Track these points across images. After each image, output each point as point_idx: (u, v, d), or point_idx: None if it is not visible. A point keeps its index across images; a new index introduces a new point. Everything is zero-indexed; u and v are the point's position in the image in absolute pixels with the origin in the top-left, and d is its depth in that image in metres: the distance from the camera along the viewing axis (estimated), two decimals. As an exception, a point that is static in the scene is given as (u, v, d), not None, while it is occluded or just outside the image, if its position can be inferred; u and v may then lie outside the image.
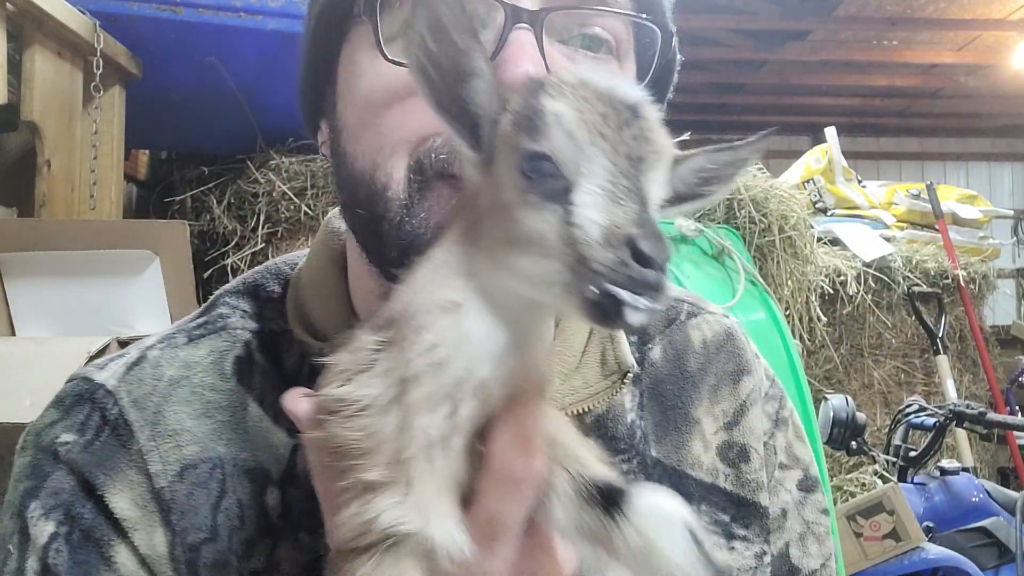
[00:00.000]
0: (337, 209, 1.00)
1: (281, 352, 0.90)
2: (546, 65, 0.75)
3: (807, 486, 1.05)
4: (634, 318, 0.56)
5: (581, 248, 0.57)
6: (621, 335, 0.96)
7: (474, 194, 0.68)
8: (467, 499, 0.65)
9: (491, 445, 0.64)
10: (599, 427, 0.94)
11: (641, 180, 0.61)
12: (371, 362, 0.64)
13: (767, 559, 0.97)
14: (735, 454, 0.99)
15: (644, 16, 0.84)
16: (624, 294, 0.55)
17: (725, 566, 0.63)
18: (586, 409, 0.91)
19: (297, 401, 0.69)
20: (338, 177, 0.87)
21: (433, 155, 0.77)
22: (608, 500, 0.65)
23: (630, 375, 0.94)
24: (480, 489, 0.64)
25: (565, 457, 0.68)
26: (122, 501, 0.82)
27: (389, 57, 0.76)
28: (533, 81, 0.65)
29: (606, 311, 0.56)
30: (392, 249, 0.77)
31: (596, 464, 0.68)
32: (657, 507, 0.64)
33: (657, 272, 0.56)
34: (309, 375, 0.87)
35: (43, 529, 0.82)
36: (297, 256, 1.02)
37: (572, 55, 0.81)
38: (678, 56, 0.93)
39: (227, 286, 1.00)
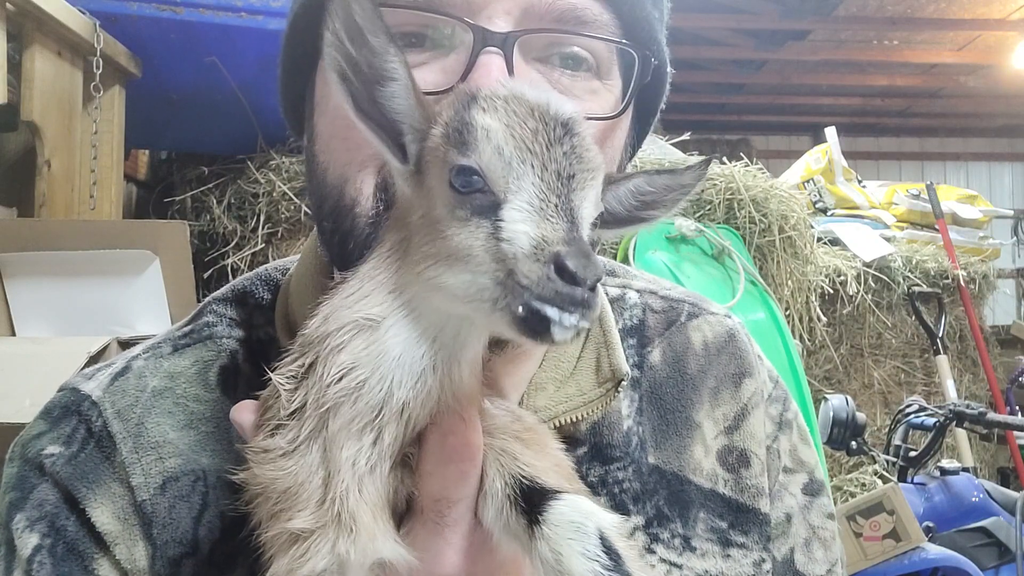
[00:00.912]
0: None
1: (269, 360, 0.90)
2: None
3: (812, 490, 1.02)
4: (560, 335, 0.55)
5: (509, 263, 0.57)
6: (616, 340, 0.94)
7: (405, 207, 0.66)
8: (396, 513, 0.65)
9: (427, 434, 0.63)
10: (594, 434, 0.92)
11: (571, 197, 0.60)
12: (288, 402, 0.63)
13: (766, 567, 0.94)
14: (735, 459, 0.96)
15: (618, 39, 0.80)
16: (550, 310, 0.55)
17: None
18: (581, 417, 0.89)
19: (242, 412, 0.68)
20: (310, 183, 0.85)
21: None
22: (531, 504, 0.63)
23: (624, 383, 0.92)
24: (421, 476, 0.64)
25: (504, 456, 0.67)
26: (104, 515, 0.82)
27: (388, 33, 0.76)
28: (465, 94, 0.64)
29: (534, 327, 0.55)
30: (357, 263, 0.77)
31: (539, 467, 0.66)
32: (572, 516, 0.61)
33: (584, 290, 0.55)
34: None
35: (27, 541, 0.81)
36: (289, 262, 1.01)
37: (550, 74, 0.79)
38: (669, 69, 0.91)
39: (215, 293, 0.99)
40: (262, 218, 3.27)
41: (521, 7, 0.75)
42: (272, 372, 0.67)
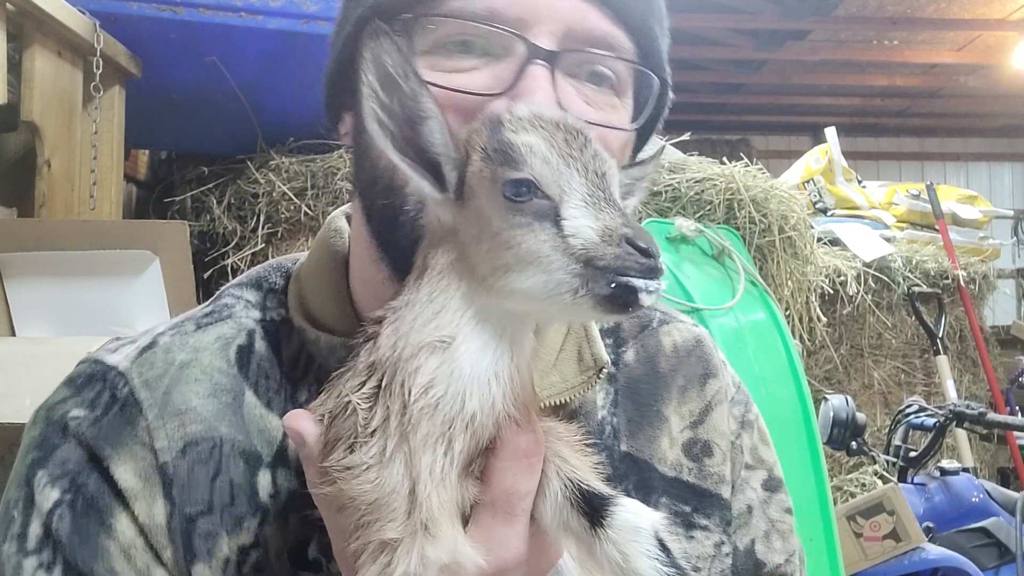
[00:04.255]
0: (339, 209, 1.07)
1: (281, 340, 0.96)
2: (557, 98, 0.83)
3: (771, 486, 1.13)
4: (647, 300, 0.65)
5: (584, 253, 0.65)
6: (596, 334, 1.04)
7: (443, 231, 0.73)
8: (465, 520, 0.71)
9: (500, 432, 0.71)
10: (573, 421, 0.98)
11: (611, 190, 0.70)
12: (366, 421, 0.69)
13: (725, 548, 1.05)
14: (699, 449, 1.07)
15: (643, 66, 0.93)
16: (637, 281, 0.64)
17: (688, 569, 0.69)
18: (563, 402, 0.98)
19: (301, 420, 0.74)
20: (359, 168, 0.93)
21: None
22: (592, 508, 0.71)
23: (605, 370, 1.00)
24: (493, 471, 0.71)
25: (558, 460, 0.74)
26: (126, 472, 0.87)
27: (421, 76, 0.82)
28: (490, 120, 0.72)
29: (622, 299, 0.65)
30: (405, 239, 0.82)
31: (587, 471, 0.74)
32: (633, 520, 0.69)
33: (656, 260, 0.65)
34: (306, 362, 0.95)
35: (48, 495, 0.86)
36: (300, 255, 1.08)
37: (579, 86, 0.89)
38: (670, 95, 1.01)
39: (232, 281, 1.06)
40: (262, 218, 3.27)
41: (563, 29, 0.85)
42: (340, 390, 0.72)
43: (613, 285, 0.64)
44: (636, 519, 0.69)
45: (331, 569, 0.86)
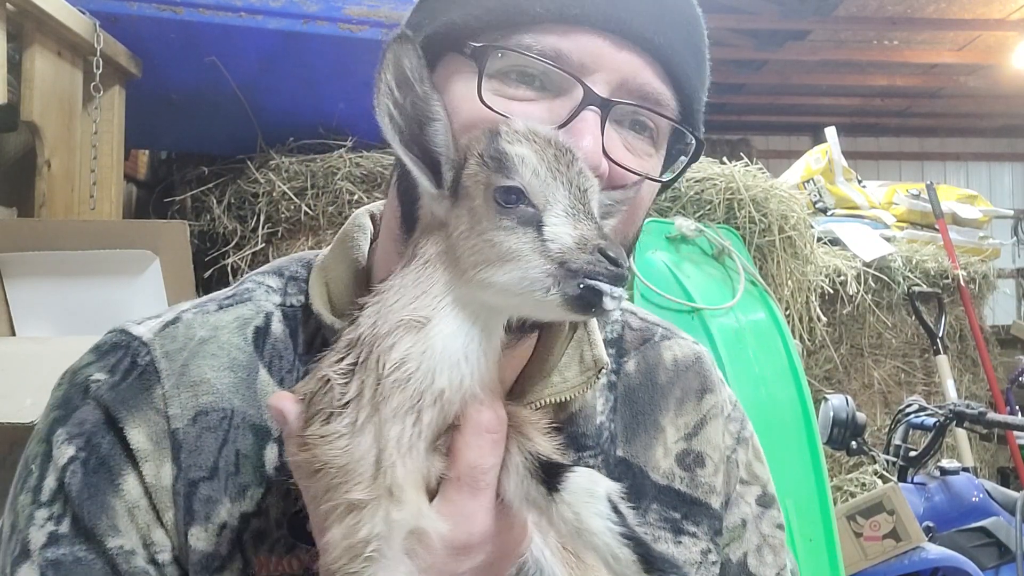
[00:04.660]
0: (363, 208, 1.14)
1: (298, 324, 1.03)
2: (603, 141, 0.90)
3: (765, 502, 1.18)
4: (611, 304, 0.72)
5: (560, 255, 0.72)
6: (598, 338, 1.09)
7: (435, 224, 0.81)
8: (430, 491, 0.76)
9: (465, 410, 0.76)
10: (571, 424, 1.07)
11: (591, 205, 0.77)
12: (342, 394, 0.74)
13: (712, 557, 1.09)
14: (692, 460, 1.11)
15: (682, 123, 1.00)
16: (603, 285, 0.71)
17: (642, 534, 0.73)
18: (563, 401, 1.03)
19: (284, 400, 0.79)
20: (403, 169, 0.95)
21: None
22: (549, 476, 0.76)
23: (604, 371, 1.06)
24: (457, 447, 0.76)
25: (520, 437, 0.80)
26: (139, 435, 0.92)
27: (484, 101, 0.90)
28: (490, 130, 0.80)
29: (588, 300, 0.72)
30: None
31: (544, 443, 0.80)
32: (586, 484, 0.74)
33: (623, 269, 0.72)
34: (321, 345, 0.97)
35: (64, 452, 0.92)
36: (322, 250, 1.14)
37: (623, 132, 0.96)
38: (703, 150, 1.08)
39: (256, 270, 1.14)
40: (262, 218, 3.27)
41: (618, 80, 0.92)
42: (320, 368, 0.78)
43: (581, 287, 0.71)
44: (590, 484, 0.74)
45: None
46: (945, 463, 3.62)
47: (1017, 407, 6.52)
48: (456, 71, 0.94)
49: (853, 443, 3.35)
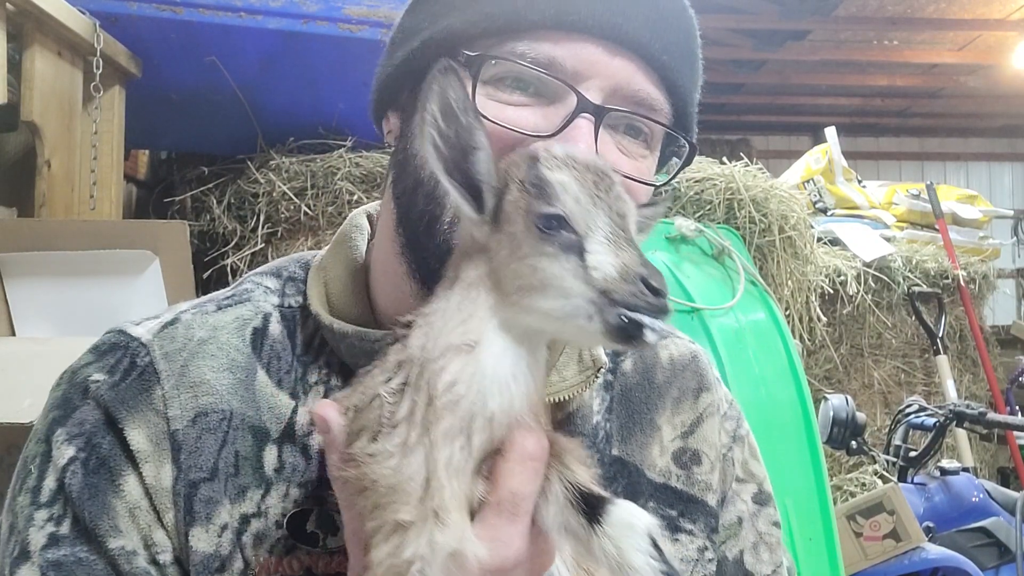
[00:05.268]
0: (361, 208, 1.14)
1: (297, 324, 1.04)
2: (596, 148, 0.91)
3: (761, 500, 1.19)
4: (651, 337, 0.72)
5: (602, 285, 0.72)
6: None
7: (475, 247, 0.81)
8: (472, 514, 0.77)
9: (510, 435, 0.76)
10: (569, 423, 1.07)
11: (630, 230, 0.77)
12: (392, 413, 0.75)
13: (708, 554, 1.10)
14: (688, 458, 1.13)
15: (674, 128, 1.02)
16: (645, 318, 0.71)
17: (680, 572, 0.75)
18: (561, 400, 1.04)
19: (328, 409, 0.79)
20: (401, 171, 0.99)
21: None
22: (590, 507, 0.76)
23: (602, 370, 1.07)
24: (500, 472, 0.75)
25: (560, 465, 0.79)
26: (139, 436, 0.92)
27: (478, 112, 0.89)
28: (529, 156, 0.80)
29: (629, 332, 0.72)
30: (436, 244, 0.92)
31: (584, 473, 0.80)
32: (628, 518, 0.75)
33: (664, 300, 0.72)
34: (319, 346, 1.02)
35: (64, 452, 0.92)
36: (320, 251, 1.15)
37: (617, 137, 0.98)
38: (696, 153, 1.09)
39: (255, 270, 1.13)
40: (262, 218, 3.27)
41: (611, 87, 0.94)
42: (366, 383, 0.79)
43: (624, 319, 0.71)
44: (631, 518, 0.75)
45: (327, 543, 0.93)
46: (945, 463, 3.62)
47: (1017, 407, 6.52)
48: None
49: (853, 443, 3.35)
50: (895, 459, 3.68)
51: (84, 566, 0.88)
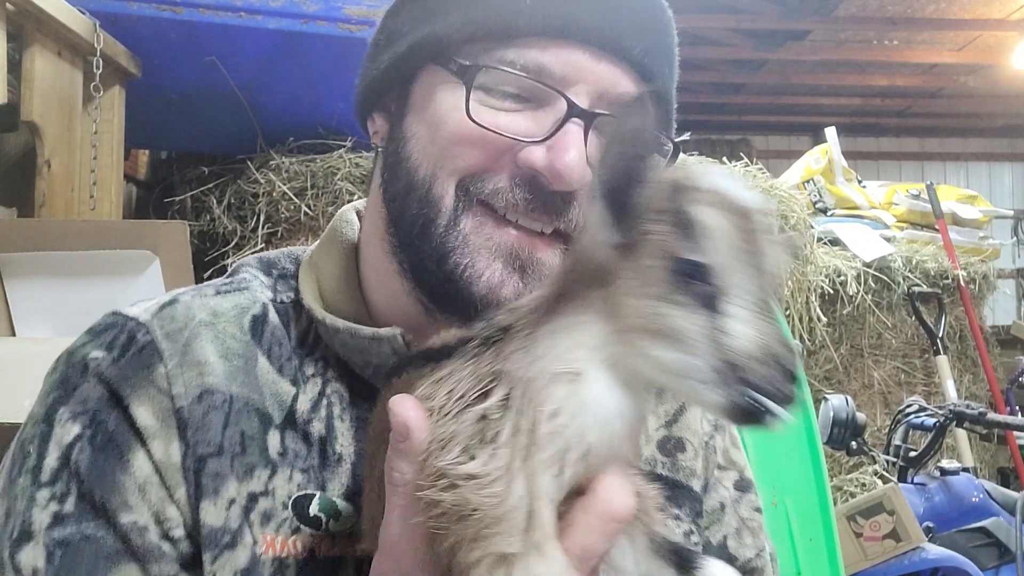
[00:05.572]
0: (350, 204, 1.14)
1: (290, 320, 1.04)
2: (587, 154, 0.91)
3: (742, 487, 1.20)
4: (771, 424, 0.65)
5: (734, 358, 0.65)
6: None
7: (591, 265, 0.74)
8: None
9: (596, 485, 0.72)
10: None
11: (771, 294, 0.68)
12: (481, 430, 0.70)
13: (694, 539, 1.11)
14: (672, 445, 1.14)
15: (664, 133, 1.03)
16: (774, 407, 0.64)
17: None
18: None
19: (408, 407, 0.73)
20: (392, 173, 0.99)
21: (477, 185, 0.93)
22: (682, 560, 0.76)
23: None
24: (577, 524, 0.71)
25: (644, 514, 0.77)
26: (145, 413, 0.91)
27: (474, 119, 0.92)
28: (675, 184, 0.71)
29: (752, 414, 0.65)
30: (431, 248, 0.93)
31: (661, 522, 0.79)
32: (720, 575, 0.75)
33: (795, 389, 0.65)
34: (314, 341, 1.02)
35: (69, 430, 0.90)
36: (310, 246, 1.15)
37: (601, 138, 0.95)
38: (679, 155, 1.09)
39: (246, 259, 1.12)
40: (262, 218, 3.27)
41: (598, 91, 0.94)
42: (457, 392, 0.73)
43: (750, 400, 0.65)
44: (724, 574, 0.76)
45: (329, 527, 0.93)
46: (945, 463, 3.62)
47: (1017, 407, 6.52)
48: (440, 82, 0.96)
49: (853, 443, 3.34)
50: (895, 459, 3.68)
51: (92, 543, 0.87)
